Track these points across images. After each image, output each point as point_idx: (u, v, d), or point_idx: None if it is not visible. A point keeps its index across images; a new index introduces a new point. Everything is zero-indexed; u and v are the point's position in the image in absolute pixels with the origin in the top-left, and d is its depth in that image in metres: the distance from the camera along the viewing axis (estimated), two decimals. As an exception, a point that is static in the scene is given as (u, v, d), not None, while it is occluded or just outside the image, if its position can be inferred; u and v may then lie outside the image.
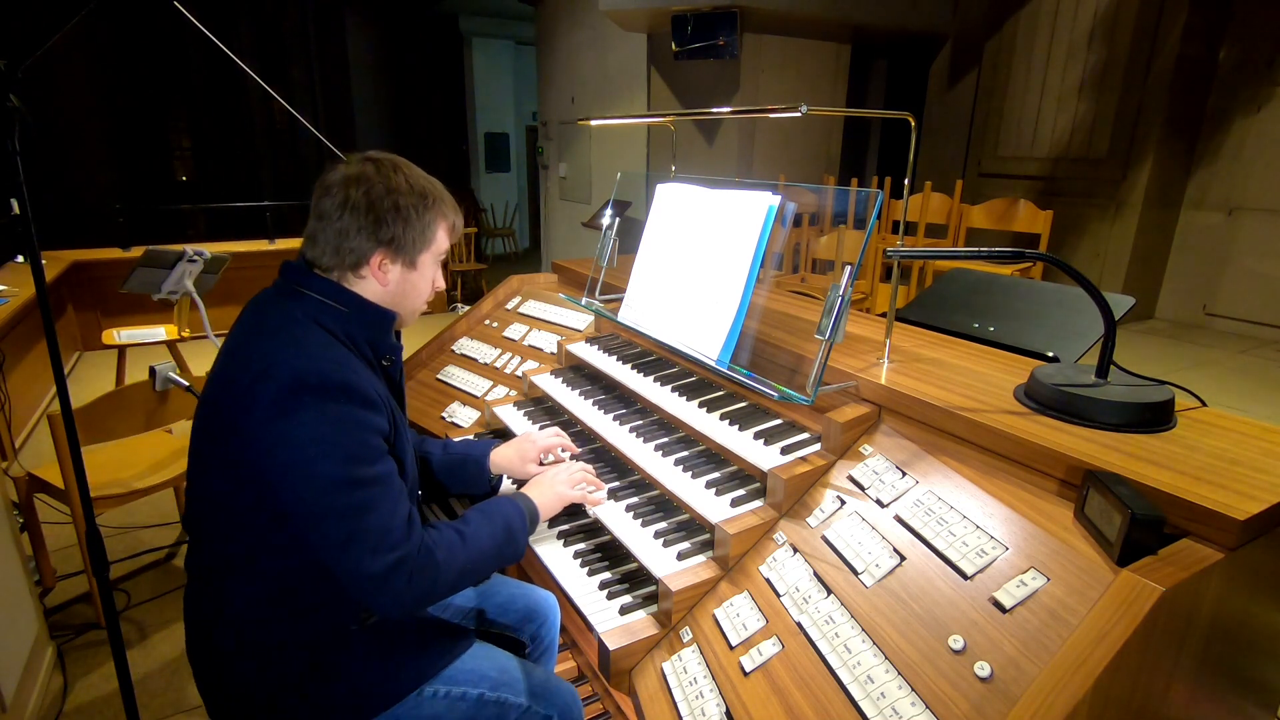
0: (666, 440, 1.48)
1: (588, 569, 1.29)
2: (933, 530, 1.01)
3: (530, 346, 2.17)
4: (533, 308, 2.34)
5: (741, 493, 1.27)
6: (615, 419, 1.60)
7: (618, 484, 1.46)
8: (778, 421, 1.41)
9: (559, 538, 1.39)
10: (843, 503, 1.15)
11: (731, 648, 1.06)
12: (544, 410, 1.83)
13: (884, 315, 1.45)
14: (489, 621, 1.49)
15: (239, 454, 1.05)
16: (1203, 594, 0.84)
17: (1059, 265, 1.13)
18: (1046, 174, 6.11)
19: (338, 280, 1.15)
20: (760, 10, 5.43)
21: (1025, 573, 0.89)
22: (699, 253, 1.58)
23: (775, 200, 1.43)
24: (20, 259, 4.80)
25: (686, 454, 1.42)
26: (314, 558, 1.07)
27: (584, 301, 2.01)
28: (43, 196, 6.74)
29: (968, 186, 5.39)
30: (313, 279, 1.14)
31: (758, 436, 1.35)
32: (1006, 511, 0.98)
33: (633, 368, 1.73)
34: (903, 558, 1.01)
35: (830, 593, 1.04)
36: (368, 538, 1.03)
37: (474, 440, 1.56)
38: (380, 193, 1.12)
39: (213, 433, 1.10)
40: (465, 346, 2.30)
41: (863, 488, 1.15)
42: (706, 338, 1.48)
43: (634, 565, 1.29)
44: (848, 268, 1.21)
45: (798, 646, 1.01)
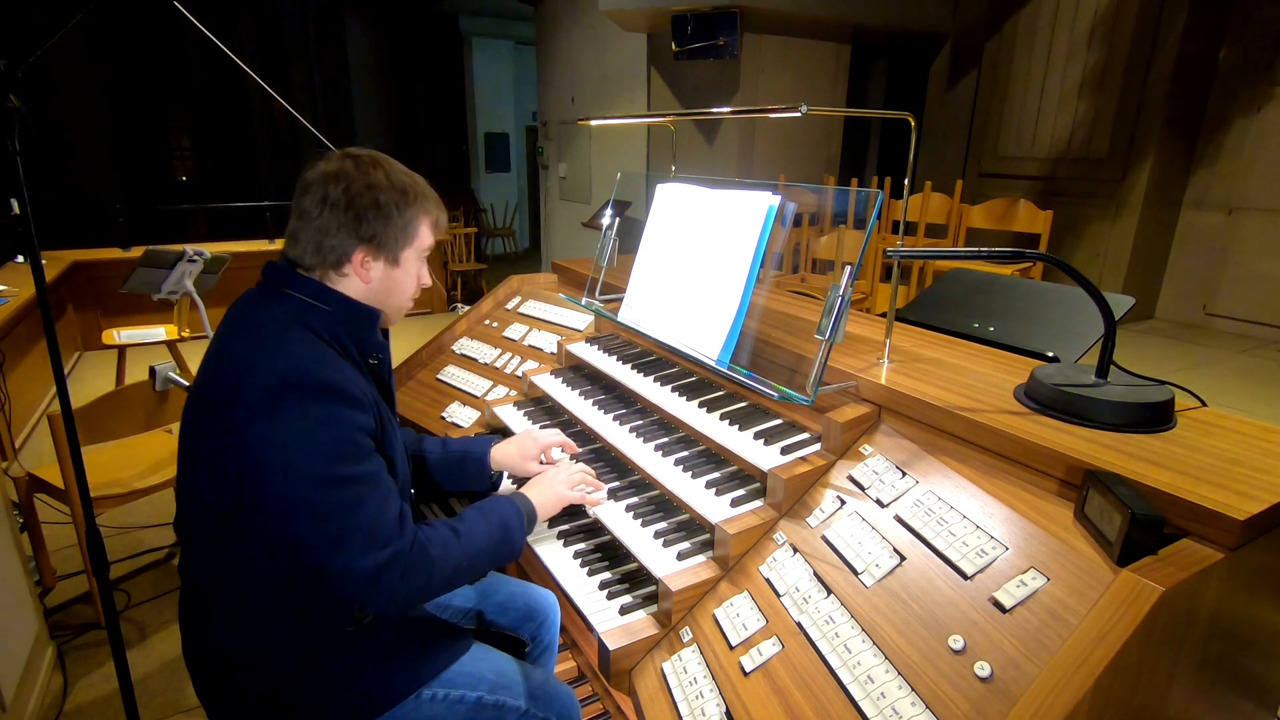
0: (666, 440, 1.48)
1: (588, 569, 1.29)
2: (933, 530, 1.01)
3: (530, 346, 2.17)
4: (533, 308, 2.34)
5: (741, 493, 1.27)
6: (615, 419, 1.60)
7: (618, 484, 1.46)
8: (778, 421, 1.41)
9: (559, 538, 1.39)
10: (843, 503, 1.15)
11: (731, 648, 1.06)
12: (544, 410, 1.83)
13: (884, 315, 1.45)
14: (489, 621, 1.49)
15: (225, 457, 1.04)
16: (1203, 594, 0.84)
17: (1059, 265, 1.13)
18: (1046, 174, 6.11)
19: (320, 279, 1.13)
20: (760, 10, 5.43)
21: (1025, 573, 0.89)
22: (699, 253, 1.58)
23: (775, 200, 1.43)
24: (20, 259, 4.81)
25: (686, 454, 1.43)
26: (304, 559, 1.07)
27: (584, 301, 2.01)
28: (43, 196, 6.75)
29: (968, 186, 5.39)
30: (295, 279, 1.12)
31: (758, 436, 1.35)
32: (1006, 511, 0.98)
33: (633, 368, 1.73)
34: (903, 558, 1.01)
35: (830, 593, 1.04)
36: (358, 535, 1.02)
37: (474, 437, 1.56)
38: (359, 189, 1.10)
39: (198, 436, 1.09)
40: (465, 346, 2.30)
41: (863, 488, 1.15)
42: (706, 338, 1.48)
43: (634, 565, 1.29)
44: (848, 268, 1.21)
45: (798, 646, 1.01)
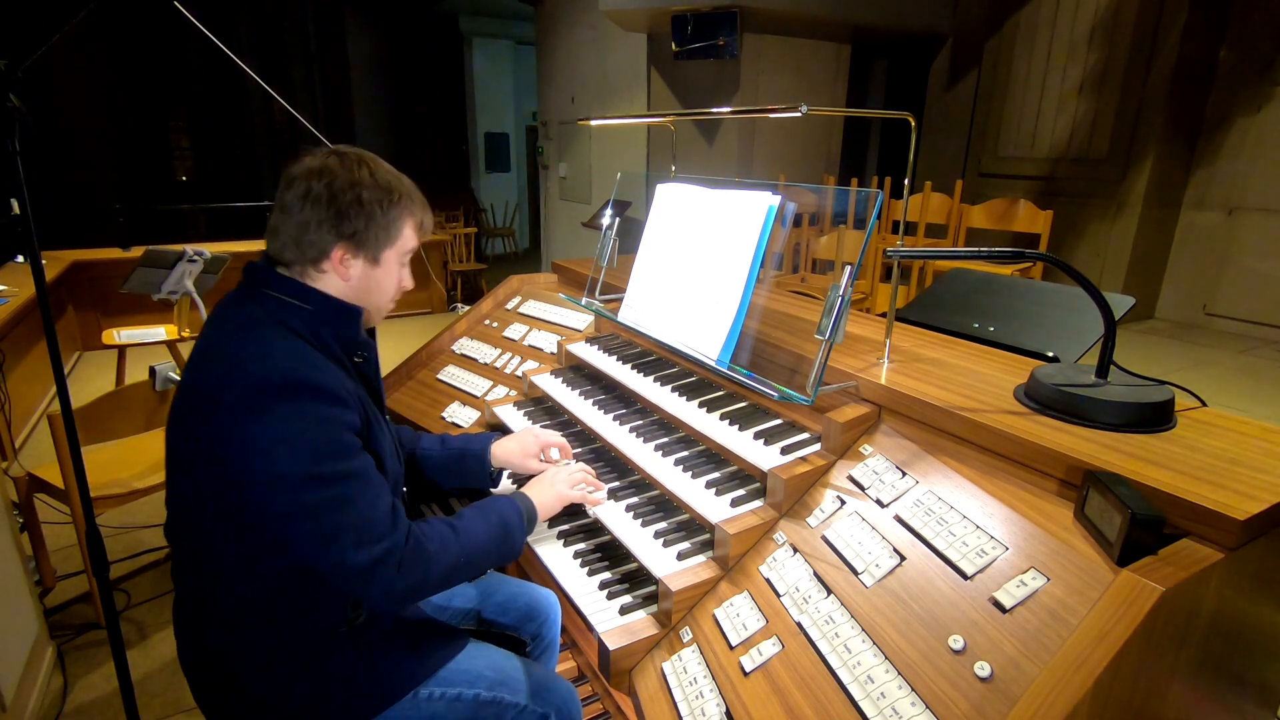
0: (666, 440, 1.48)
1: (588, 569, 1.29)
2: (933, 530, 1.01)
3: (530, 346, 2.17)
4: (533, 308, 2.34)
5: (741, 493, 1.27)
6: (615, 419, 1.60)
7: (618, 484, 1.46)
8: (778, 421, 1.41)
9: (559, 538, 1.39)
10: (843, 503, 1.15)
11: (731, 648, 1.06)
12: (544, 410, 1.83)
13: (884, 315, 1.45)
14: (490, 621, 1.49)
15: (211, 461, 1.03)
16: (1203, 594, 0.84)
17: (1059, 265, 1.13)
18: (1046, 174, 6.11)
19: (300, 275, 1.12)
20: (760, 10, 5.43)
21: (1025, 573, 0.89)
22: (699, 253, 1.58)
23: (775, 200, 1.43)
24: (20, 259, 4.80)
25: (686, 454, 1.42)
26: (297, 559, 1.06)
27: (584, 301, 2.01)
28: (43, 196, 6.75)
29: (968, 186, 5.39)
30: (275, 279, 1.11)
31: (758, 436, 1.35)
32: (1006, 511, 0.98)
33: (633, 368, 1.73)
34: (903, 558, 1.01)
35: (830, 593, 1.04)
36: (350, 531, 1.01)
37: (474, 435, 1.55)
38: (343, 185, 1.09)
39: (184, 441, 1.08)
40: (465, 346, 2.30)
41: (863, 488, 1.15)
42: (706, 338, 1.48)
43: (634, 565, 1.29)
44: (848, 268, 1.21)
45: (798, 646, 1.01)
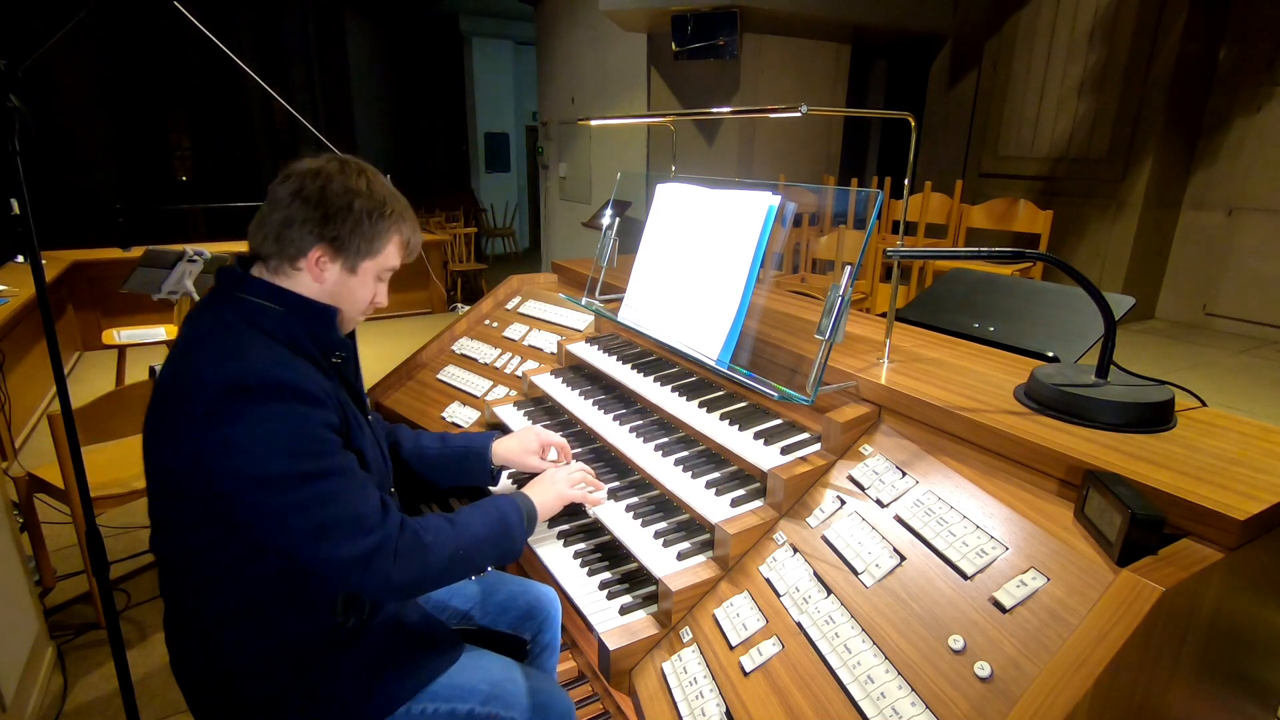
0: (666, 440, 1.48)
1: (588, 569, 1.29)
2: (933, 530, 1.01)
3: (530, 346, 2.17)
4: (533, 308, 2.34)
5: (741, 493, 1.27)
6: (615, 419, 1.60)
7: (618, 484, 1.46)
8: (778, 421, 1.41)
9: (559, 538, 1.39)
10: (843, 503, 1.15)
11: (731, 648, 1.06)
12: (544, 410, 1.83)
13: (884, 315, 1.45)
14: (491, 621, 1.49)
15: (185, 469, 1.02)
16: (1203, 594, 0.84)
17: (1059, 265, 1.13)
18: (1046, 174, 6.11)
19: (274, 273, 1.10)
20: (760, 10, 5.43)
21: (1025, 573, 0.89)
22: (699, 253, 1.58)
23: (775, 200, 1.43)
24: (20, 259, 4.80)
25: (686, 454, 1.42)
26: (284, 560, 1.05)
27: (584, 301, 2.01)
28: (43, 196, 6.75)
29: (968, 186, 5.39)
30: (247, 281, 1.09)
31: (758, 436, 1.35)
32: (1006, 511, 0.98)
33: (633, 368, 1.73)
34: (903, 558, 1.01)
35: (830, 593, 1.04)
36: (338, 526, 1.00)
37: (475, 433, 1.55)
38: (338, 190, 1.08)
39: (160, 452, 1.07)
40: (465, 346, 2.30)
41: (863, 488, 1.15)
42: (706, 338, 1.48)
43: (634, 565, 1.29)
44: (848, 268, 1.21)
45: (798, 646, 1.01)
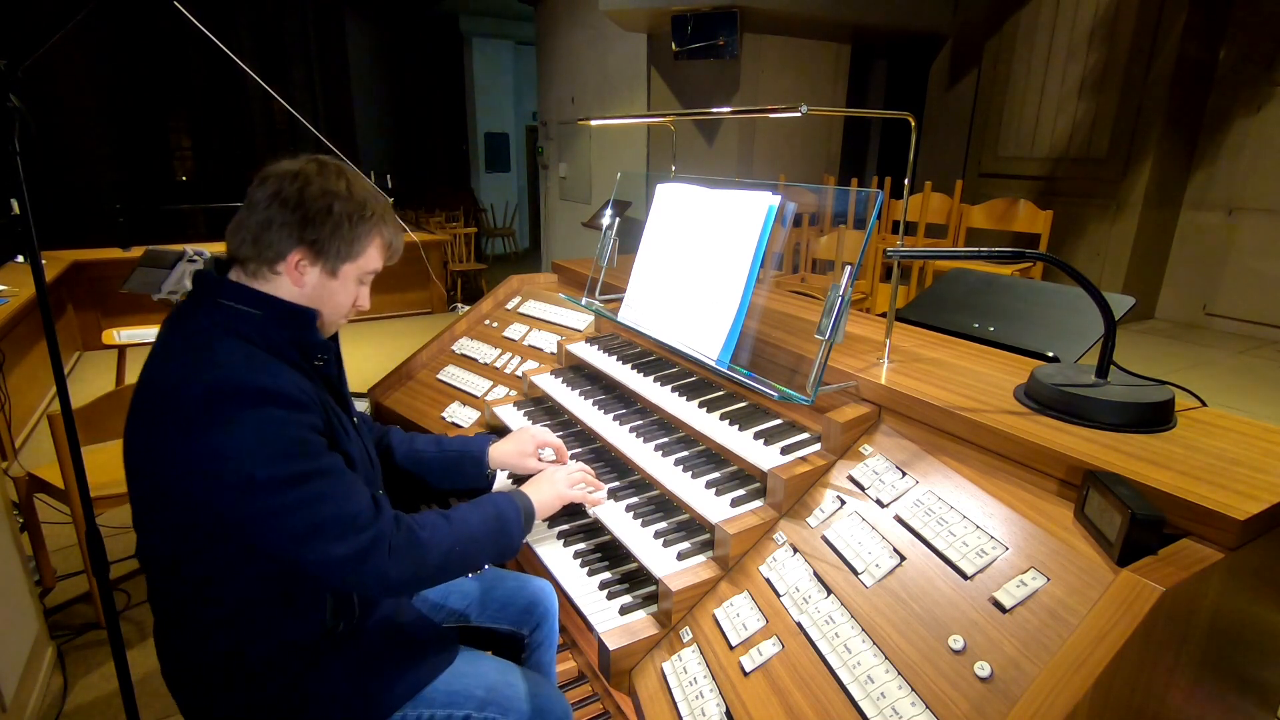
0: (666, 440, 1.48)
1: (588, 569, 1.29)
2: (933, 530, 1.01)
3: (530, 346, 2.17)
4: (533, 308, 2.34)
5: (741, 493, 1.27)
6: (615, 419, 1.60)
7: (618, 484, 1.46)
8: (778, 421, 1.41)
9: (559, 538, 1.39)
10: (843, 503, 1.15)
11: (731, 648, 1.06)
12: (544, 410, 1.83)
13: (884, 315, 1.45)
14: (490, 619, 1.49)
15: (169, 479, 1.01)
16: (1203, 594, 0.84)
17: (1059, 265, 1.13)
18: (1046, 174, 6.11)
19: (253, 277, 1.09)
20: (760, 10, 5.43)
21: (1025, 573, 0.89)
22: (699, 253, 1.58)
23: (775, 200, 1.43)
24: (20, 259, 4.80)
25: (686, 454, 1.42)
26: (276, 564, 1.04)
27: (584, 301, 2.01)
28: (43, 196, 6.74)
29: (968, 186, 5.39)
30: (224, 286, 1.08)
31: (758, 436, 1.35)
32: (1006, 511, 0.98)
33: (633, 368, 1.73)
34: (903, 558, 1.01)
35: (830, 593, 1.04)
36: (329, 526, 0.99)
37: (472, 436, 1.55)
38: (316, 192, 1.07)
39: (139, 462, 1.06)
40: (465, 346, 2.30)
41: (863, 488, 1.15)
42: (706, 338, 1.48)
43: (634, 565, 1.29)
44: (848, 268, 1.21)
45: (798, 646, 1.01)
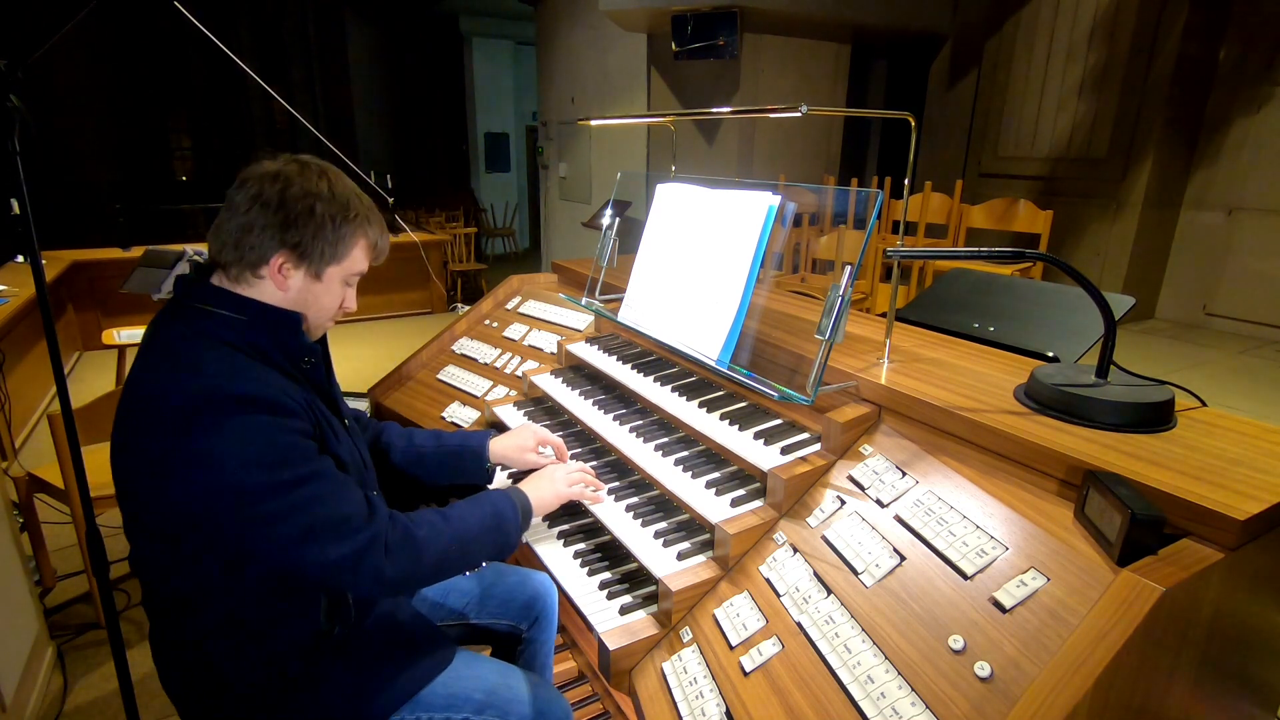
0: (666, 440, 1.48)
1: (588, 569, 1.29)
2: (933, 530, 1.01)
3: (530, 346, 2.17)
4: (533, 308, 2.34)
5: (741, 493, 1.27)
6: (615, 419, 1.60)
7: (618, 484, 1.46)
8: (778, 421, 1.41)
9: (559, 538, 1.39)
10: (843, 503, 1.15)
11: (731, 648, 1.06)
12: (544, 410, 1.83)
13: (884, 315, 1.45)
14: (490, 617, 1.49)
15: (153, 488, 1.00)
16: (1203, 594, 0.84)
17: (1059, 265, 1.13)
18: (1046, 174, 6.11)
19: (235, 281, 1.07)
20: (760, 10, 5.43)
21: (1025, 573, 0.89)
22: (699, 253, 1.58)
23: (775, 200, 1.43)
24: (20, 259, 4.81)
25: (686, 454, 1.42)
26: (271, 568, 1.03)
27: (584, 301, 2.01)
28: (43, 196, 6.75)
29: (968, 186, 5.39)
30: (207, 291, 1.06)
31: (758, 436, 1.35)
32: (1006, 511, 0.98)
33: (633, 368, 1.73)
34: (903, 558, 1.01)
35: (830, 593, 1.04)
36: (324, 529, 0.99)
37: (471, 431, 1.54)
38: (297, 194, 1.05)
39: (126, 474, 1.05)
40: (465, 346, 2.30)
41: (863, 488, 1.15)
42: (706, 338, 1.48)
43: (634, 565, 1.29)
44: (848, 268, 1.21)
45: (798, 646, 1.01)
